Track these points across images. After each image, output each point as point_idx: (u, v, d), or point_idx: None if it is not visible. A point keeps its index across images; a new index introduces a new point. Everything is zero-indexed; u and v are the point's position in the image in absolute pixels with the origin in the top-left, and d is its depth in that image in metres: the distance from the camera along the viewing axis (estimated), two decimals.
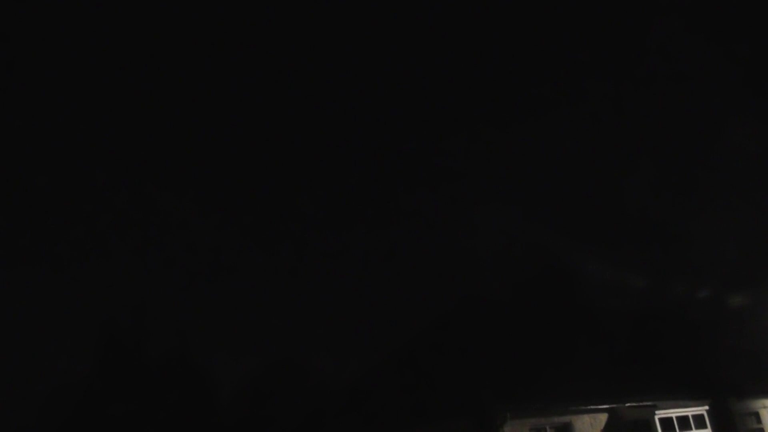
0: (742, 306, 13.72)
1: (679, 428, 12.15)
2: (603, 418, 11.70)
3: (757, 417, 13.18)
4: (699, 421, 12.48)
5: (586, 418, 11.57)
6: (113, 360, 15.21)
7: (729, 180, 14.69)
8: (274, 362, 16.36)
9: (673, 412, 12.22)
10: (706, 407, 12.64)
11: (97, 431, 13.99)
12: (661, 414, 12.01)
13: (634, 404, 11.94)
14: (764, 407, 13.28)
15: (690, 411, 12.45)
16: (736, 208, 14.45)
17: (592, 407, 11.58)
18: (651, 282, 14.39)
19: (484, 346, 12.58)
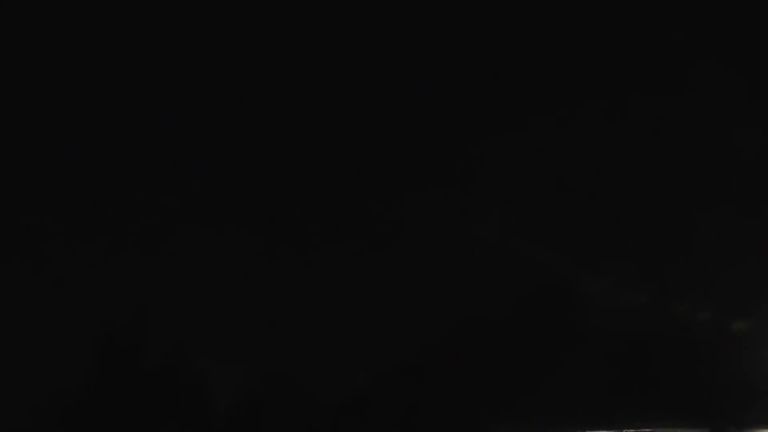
0: (745, 331, 13.54)
1: None
2: None
3: None
4: None
5: None
6: (109, 365, 15.18)
7: (736, 198, 14.47)
8: (268, 373, 16.30)
9: None
10: None
11: None
12: None
13: (631, 430, 11.88)
14: None
15: None
16: (743, 227, 14.24)
17: None
18: (651, 304, 14.25)
19: (479, 367, 12.50)
